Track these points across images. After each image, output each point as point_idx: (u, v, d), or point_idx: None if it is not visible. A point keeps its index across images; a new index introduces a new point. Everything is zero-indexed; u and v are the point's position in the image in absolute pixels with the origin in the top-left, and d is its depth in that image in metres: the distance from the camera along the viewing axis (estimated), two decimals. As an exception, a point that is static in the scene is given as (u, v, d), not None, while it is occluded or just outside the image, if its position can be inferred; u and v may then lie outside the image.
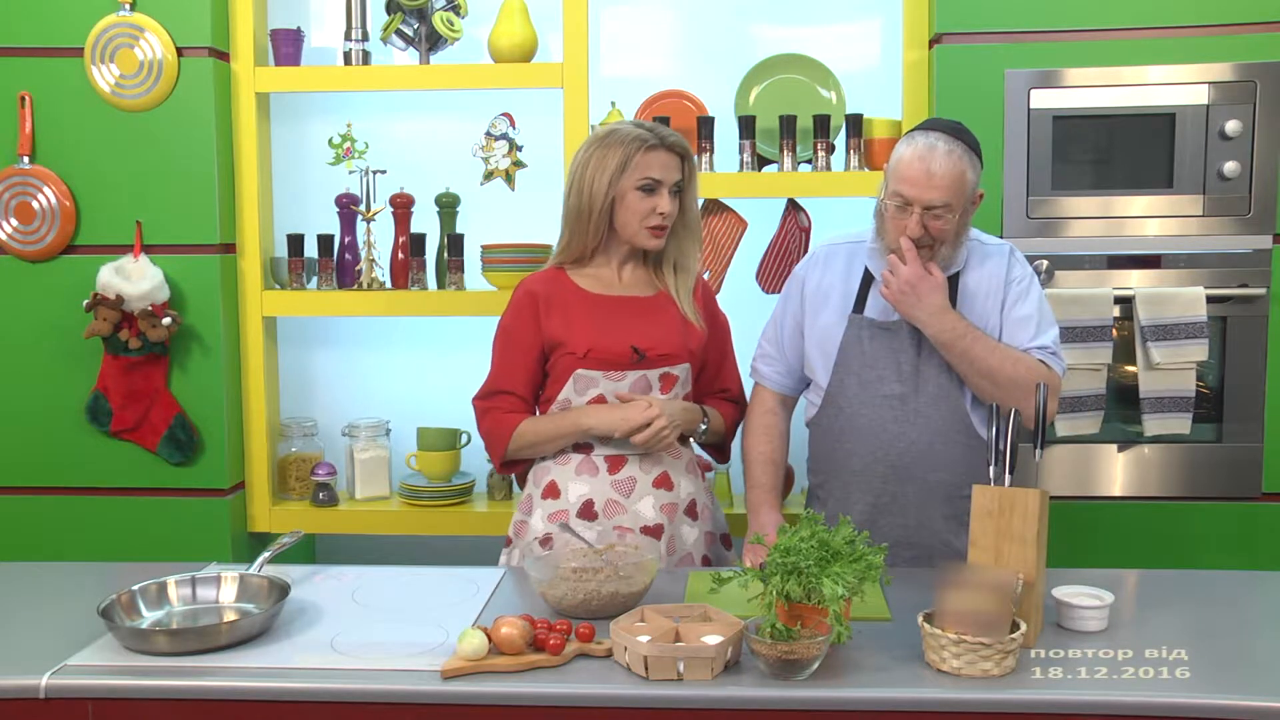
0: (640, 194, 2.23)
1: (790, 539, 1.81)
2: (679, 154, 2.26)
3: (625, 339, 2.26)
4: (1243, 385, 2.86)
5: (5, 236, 3.00)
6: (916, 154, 2.16)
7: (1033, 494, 1.87)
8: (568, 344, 2.26)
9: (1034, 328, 2.27)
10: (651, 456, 2.30)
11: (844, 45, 3.21)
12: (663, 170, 2.23)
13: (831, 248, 2.41)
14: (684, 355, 2.31)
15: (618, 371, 2.26)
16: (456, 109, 3.22)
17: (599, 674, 1.75)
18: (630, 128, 2.25)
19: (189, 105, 2.97)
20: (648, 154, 2.22)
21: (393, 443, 3.27)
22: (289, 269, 3.15)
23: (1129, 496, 2.92)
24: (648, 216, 2.24)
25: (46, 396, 3.05)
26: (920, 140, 2.19)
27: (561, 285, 2.31)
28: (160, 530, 3.07)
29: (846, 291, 2.33)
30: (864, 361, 2.28)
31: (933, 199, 2.15)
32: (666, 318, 2.32)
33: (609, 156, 2.22)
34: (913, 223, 2.17)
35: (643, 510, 2.28)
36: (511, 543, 2.41)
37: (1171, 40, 2.78)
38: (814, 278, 2.38)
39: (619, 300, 2.30)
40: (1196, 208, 2.81)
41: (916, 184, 2.15)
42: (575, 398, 2.28)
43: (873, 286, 2.31)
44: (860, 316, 2.30)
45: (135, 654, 1.83)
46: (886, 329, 2.28)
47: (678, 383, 2.32)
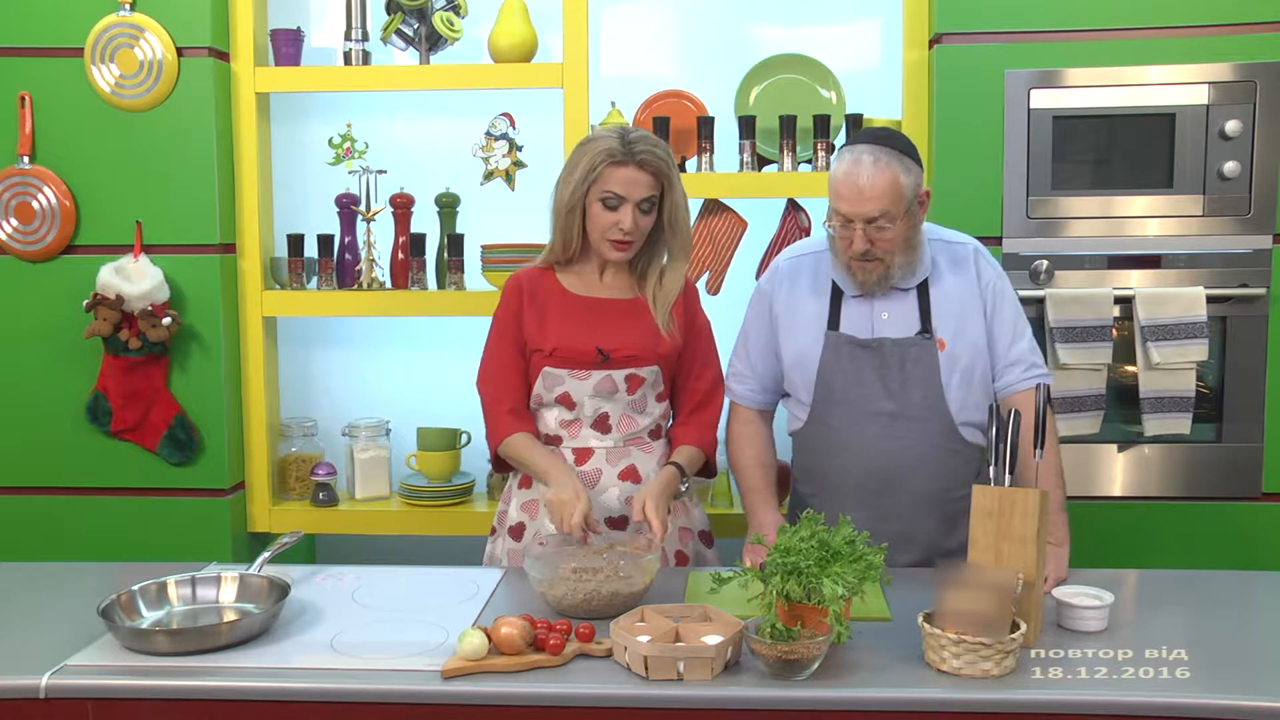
0: (601, 206, 2.21)
1: (790, 539, 1.81)
2: (650, 171, 2.21)
3: (592, 339, 2.28)
4: (1243, 385, 2.86)
5: (5, 236, 3.00)
6: (845, 171, 2.17)
7: (1033, 494, 1.87)
8: (538, 341, 2.29)
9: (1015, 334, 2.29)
10: (619, 450, 2.32)
11: (844, 45, 3.21)
12: (626, 186, 2.19)
13: (795, 261, 2.39)
14: (651, 358, 2.31)
15: (583, 370, 2.29)
16: (456, 109, 3.22)
17: (599, 674, 1.75)
18: (609, 138, 2.21)
19: (189, 105, 2.97)
20: (613, 168, 2.19)
21: (393, 443, 3.27)
22: (289, 269, 3.15)
23: (1129, 496, 2.92)
24: (609, 230, 2.23)
25: (46, 396, 3.05)
26: (848, 156, 2.19)
27: (547, 283, 2.33)
28: (160, 530, 3.07)
29: (819, 308, 2.32)
30: (848, 380, 2.27)
31: (869, 211, 2.15)
32: (639, 321, 2.32)
33: (580, 164, 2.22)
34: (857, 238, 2.18)
35: (607, 502, 2.31)
36: (495, 532, 2.45)
37: (1171, 40, 2.78)
38: (782, 295, 2.36)
39: (594, 301, 2.32)
40: (1196, 208, 2.81)
41: (850, 200, 2.16)
42: (545, 394, 2.32)
43: (844, 301, 2.30)
44: (838, 334, 2.29)
45: (135, 654, 1.84)
46: (867, 346, 2.27)
47: (645, 384, 2.33)
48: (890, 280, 2.25)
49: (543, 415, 2.35)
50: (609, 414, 2.31)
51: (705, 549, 2.46)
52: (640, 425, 2.35)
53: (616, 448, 2.33)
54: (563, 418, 2.32)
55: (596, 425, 2.32)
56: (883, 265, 2.21)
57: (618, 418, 2.32)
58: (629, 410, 2.33)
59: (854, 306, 2.29)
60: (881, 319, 2.28)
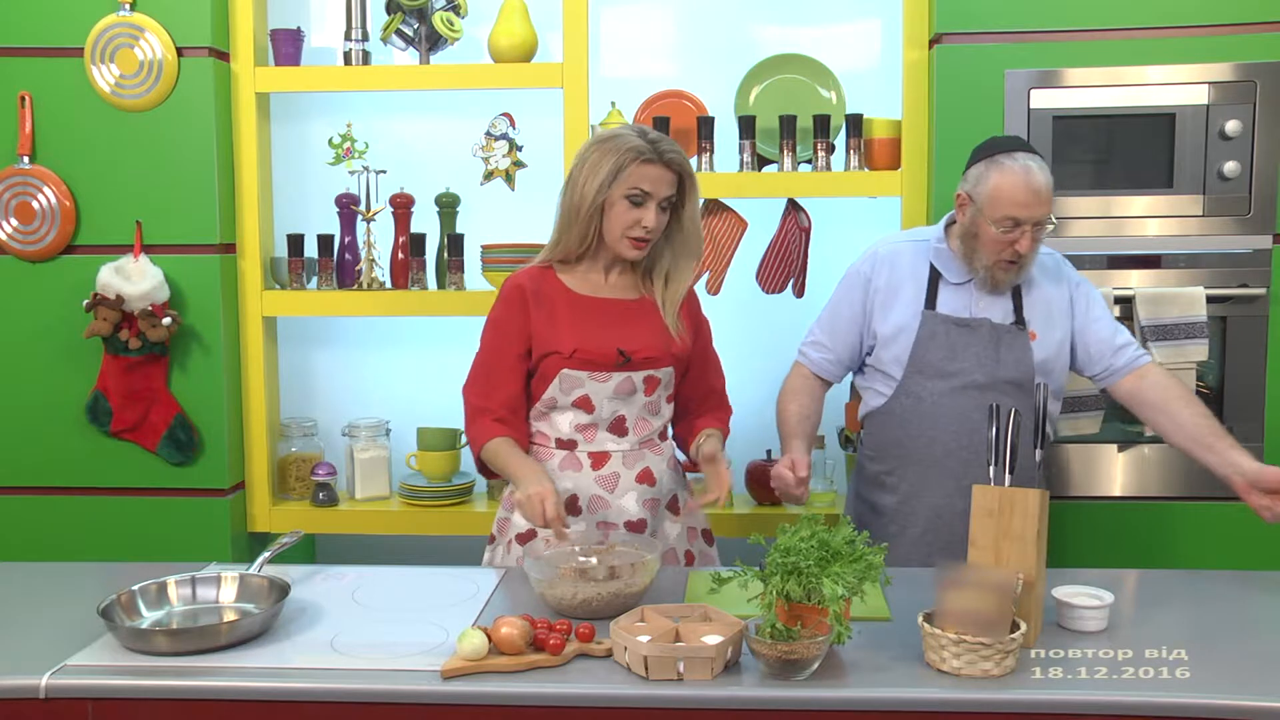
0: (627, 204, 2.22)
1: (790, 539, 1.81)
2: (675, 170, 2.24)
3: (611, 341, 2.26)
4: (1243, 385, 2.86)
5: (5, 236, 3.00)
6: (1017, 177, 2.28)
7: (1033, 494, 1.87)
8: (554, 344, 2.26)
9: (1113, 326, 2.44)
10: (635, 453, 2.32)
11: (844, 45, 3.21)
12: (653, 184, 2.22)
13: (895, 246, 2.50)
14: (667, 359, 2.32)
15: (603, 373, 2.27)
16: (456, 109, 3.22)
17: (599, 674, 1.75)
18: (633, 136, 2.23)
19: (189, 105, 2.97)
20: (642, 166, 2.20)
21: (393, 443, 3.27)
22: (289, 269, 3.15)
23: (1129, 496, 2.92)
24: (631, 227, 2.23)
25: (46, 396, 3.05)
26: (1012, 165, 2.29)
27: (549, 283, 2.31)
28: (160, 530, 3.07)
29: (917, 288, 2.43)
30: (944, 354, 2.38)
31: (1042, 213, 2.29)
32: (651, 321, 2.32)
33: (604, 161, 2.21)
34: (1025, 240, 2.29)
35: (627, 505, 2.30)
36: (495, 540, 2.42)
37: (1171, 40, 2.78)
38: (882, 274, 2.46)
39: (604, 302, 2.31)
40: (1196, 208, 2.81)
41: (1028, 205, 2.27)
42: (561, 397, 2.29)
43: (941, 283, 2.41)
44: (935, 313, 2.40)
45: (135, 654, 1.83)
46: (964, 325, 2.38)
47: (660, 385, 2.33)
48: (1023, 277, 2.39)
49: (555, 420, 2.31)
50: (625, 416, 2.30)
51: (707, 547, 2.47)
52: (654, 428, 2.35)
53: (633, 451, 2.31)
54: (578, 421, 2.29)
55: (613, 429, 2.30)
56: (1026, 265, 2.35)
57: (634, 420, 2.31)
58: (644, 413, 2.32)
59: (951, 293, 2.42)
60: (978, 306, 2.40)
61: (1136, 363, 2.41)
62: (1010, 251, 2.30)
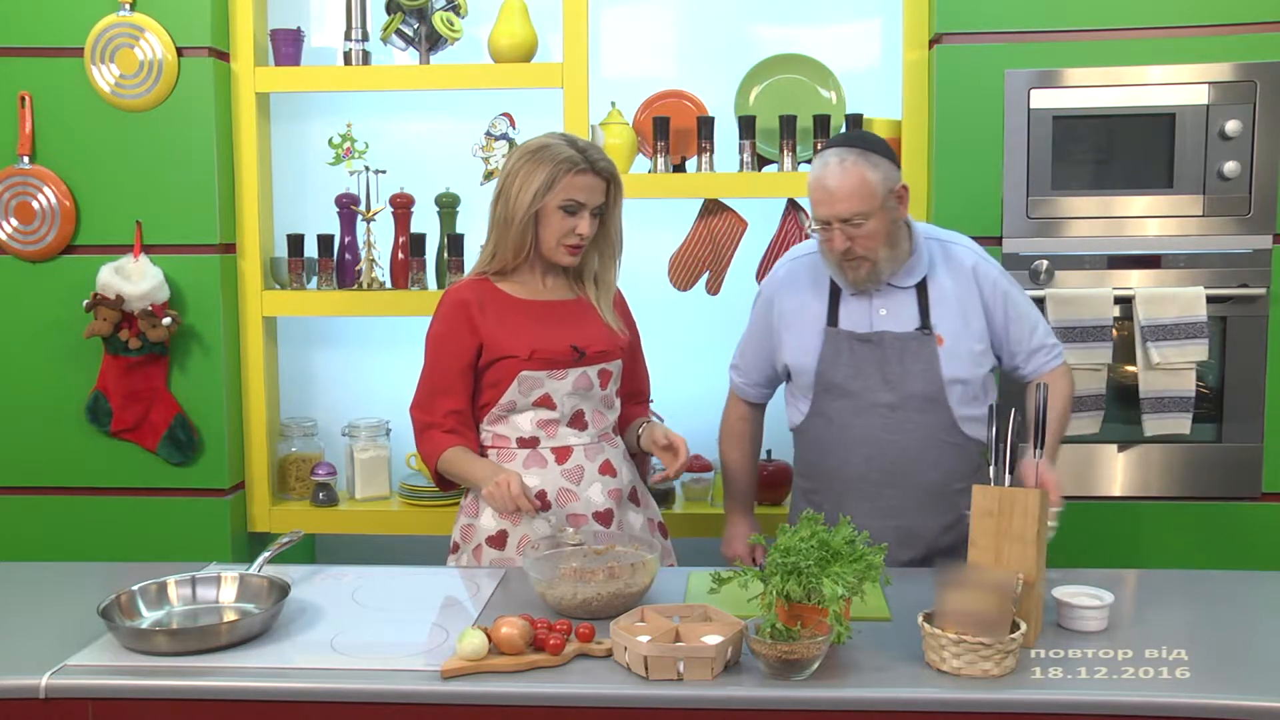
0: (562, 214, 2.27)
1: (790, 539, 1.81)
2: (605, 178, 2.30)
3: (564, 339, 2.32)
4: (1243, 385, 2.86)
5: (5, 236, 3.00)
6: (815, 175, 2.25)
7: (1033, 494, 1.87)
8: (509, 347, 2.29)
9: (1032, 326, 2.38)
10: (594, 445, 2.36)
11: (844, 45, 3.21)
12: (586, 193, 2.27)
13: (793, 263, 2.47)
14: (616, 352, 2.39)
15: (560, 370, 2.31)
16: (456, 109, 3.22)
17: (599, 674, 1.75)
18: (563, 147, 2.28)
19: (189, 105, 2.97)
20: (574, 176, 2.26)
21: (393, 443, 3.27)
22: (289, 269, 3.15)
23: (1129, 496, 2.92)
24: (566, 235, 2.29)
25: (46, 396, 3.05)
26: (818, 162, 2.27)
27: (490, 292, 2.35)
28: (160, 530, 3.07)
29: (819, 306, 2.37)
30: (848, 373, 2.32)
31: (841, 211, 2.21)
32: (593, 319, 2.39)
33: (537, 172, 2.25)
34: (836, 238, 2.24)
35: (593, 496, 2.33)
36: (459, 548, 2.43)
37: (1171, 40, 2.78)
38: (781, 297, 2.44)
39: (549, 304, 2.36)
40: (1196, 208, 2.81)
41: (823, 202, 2.23)
42: (521, 399, 2.31)
43: (843, 299, 2.35)
44: (837, 330, 2.34)
45: (135, 654, 1.84)
46: (867, 340, 2.32)
47: (612, 378, 2.39)
48: (880, 276, 2.29)
49: (515, 420, 2.34)
50: (584, 411, 2.35)
51: (663, 540, 2.49)
52: (609, 421, 2.40)
53: (593, 444, 2.36)
54: (540, 418, 2.33)
55: (573, 424, 2.35)
56: (869, 263, 2.27)
57: (591, 414, 2.36)
58: (600, 406, 2.38)
59: (852, 304, 2.34)
60: (880, 315, 2.32)
61: (1044, 369, 2.37)
62: (835, 249, 2.25)
